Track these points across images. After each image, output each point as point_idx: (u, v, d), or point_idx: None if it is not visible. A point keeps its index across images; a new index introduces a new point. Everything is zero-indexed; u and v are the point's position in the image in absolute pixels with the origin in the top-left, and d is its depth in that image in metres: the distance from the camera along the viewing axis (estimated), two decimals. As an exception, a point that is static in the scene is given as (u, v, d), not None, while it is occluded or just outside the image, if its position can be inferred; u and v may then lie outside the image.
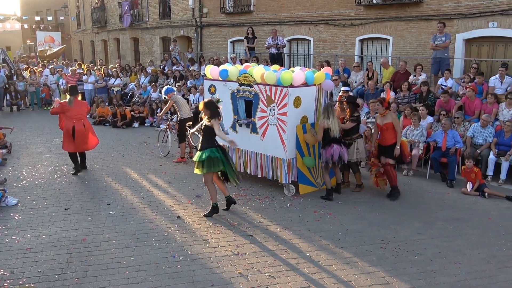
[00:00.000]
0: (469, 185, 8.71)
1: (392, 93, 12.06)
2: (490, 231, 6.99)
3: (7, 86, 19.24)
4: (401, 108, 11.16)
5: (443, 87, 11.50)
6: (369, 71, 13.17)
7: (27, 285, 5.31)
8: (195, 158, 7.30)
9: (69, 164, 10.39)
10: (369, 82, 12.61)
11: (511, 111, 9.89)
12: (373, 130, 10.83)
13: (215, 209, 7.43)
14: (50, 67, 21.44)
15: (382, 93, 12.30)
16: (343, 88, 9.62)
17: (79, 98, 9.99)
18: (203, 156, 7.11)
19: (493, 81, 10.93)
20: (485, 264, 5.92)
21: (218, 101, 7.36)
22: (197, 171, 7.32)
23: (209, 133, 7.20)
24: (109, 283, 5.38)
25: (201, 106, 7.32)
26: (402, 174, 9.93)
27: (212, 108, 7.15)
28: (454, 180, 9.23)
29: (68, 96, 9.67)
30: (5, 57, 22.49)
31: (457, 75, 12.57)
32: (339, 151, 8.04)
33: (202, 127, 7.30)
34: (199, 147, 7.32)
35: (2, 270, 5.64)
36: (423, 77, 12.16)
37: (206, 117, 7.18)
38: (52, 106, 10.02)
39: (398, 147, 8.29)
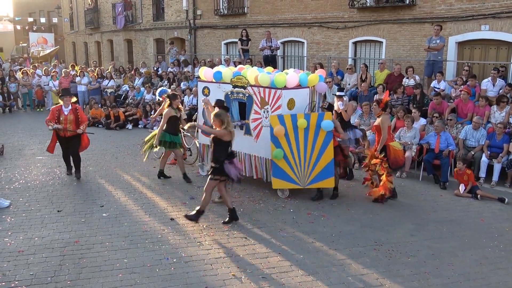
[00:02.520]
0: (461, 187, 8.75)
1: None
2: (482, 232, 7.03)
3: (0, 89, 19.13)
4: (394, 111, 11.20)
5: (436, 89, 11.57)
6: (363, 74, 13.22)
7: None
8: None
9: (62, 166, 10.34)
10: (362, 84, 12.65)
11: (503, 113, 9.96)
12: (368, 133, 10.92)
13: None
14: (44, 68, 21.34)
15: (375, 95, 12.34)
16: (337, 93, 9.53)
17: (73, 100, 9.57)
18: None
19: (486, 83, 11.01)
20: (478, 266, 5.95)
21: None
22: None
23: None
24: (102, 285, 5.35)
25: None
26: (396, 176, 9.95)
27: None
28: (447, 182, 9.27)
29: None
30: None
31: (449, 77, 12.66)
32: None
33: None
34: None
35: (-6, 273, 5.61)
36: (416, 79, 12.23)
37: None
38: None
39: (378, 150, 8.20)
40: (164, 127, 9.22)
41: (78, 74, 19.06)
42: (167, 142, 9.27)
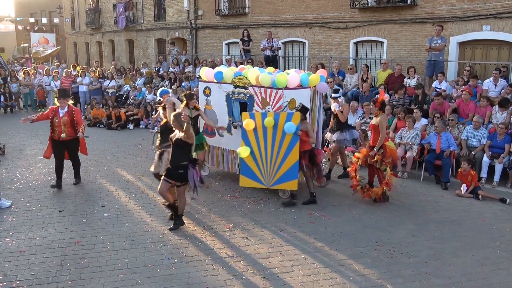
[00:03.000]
0: (463, 188, 8.74)
1: (386, 95, 12.09)
2: (484, 233, 7.02)
3: (1, 90, 19.14)
4: (396, 111, 11.20)
5: (437, 89, 11.56)
6: (364, 74, 13.21)
7: None
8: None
9: (64, 165, 10.34)
10: (364, 85, 12.65)
11: (504, 114, 9.95)
12: (369, 133, 10.92)
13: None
14: (45, 68, 21.36)
15: (376, 95, 12.34)
16: (333, 95, 9.46)
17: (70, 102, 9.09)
18: None
19: (487, 84, 10.99)
20: (479, 266, 5.94)
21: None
22: None
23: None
24: (104, 285, 5.36)
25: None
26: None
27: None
28: (448, 182, 9.26)
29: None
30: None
31: (451, 77, 12.65)
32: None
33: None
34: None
35: (-5, 273, 5.61)
36: (416, 79, 12.22)
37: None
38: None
39: (375, 150, 8.13)
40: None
41: (79, 74, 19.07)
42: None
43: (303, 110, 7.88)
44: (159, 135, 7.80)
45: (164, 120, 7.93)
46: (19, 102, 20.19)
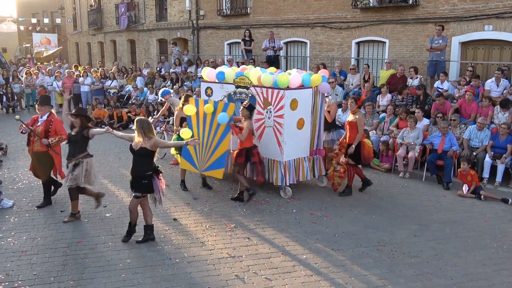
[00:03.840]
0: (465, 188, 8.73)
1: (388, 95, 12.10)
2: (486, 233, 7.01)
3: (3, 90, 19.19)
4: (397, 111, 11.19)
5: (439, 90, 11.55)
6: (366, 74, 13.20)
7: None
8: None
9: (64, 166, 10.35)
10: (365, 85, 12.64)
11: (506, 114, 9.93)
12: (370, 133, 10.92)
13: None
14: (48, 68, 21.40)
15: (378, 96, 12.34)
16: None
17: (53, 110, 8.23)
18: None
19: (489, 84, 10.97)
20: (481, 267, 5.93)
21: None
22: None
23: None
24: (105, 285, 5.36)
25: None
26: (399, 176, 9.95)
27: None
28: (450, 182, 9.25)
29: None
30: (1, 58, 22.41)
31: (453, 78, 12.63)
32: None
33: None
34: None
35: (-3, 273, 5.62)
36: (418, 79, 12.21)
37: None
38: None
39: (353, 146, 8.33)
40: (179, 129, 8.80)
41: (81, 75, 19.09)
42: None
43: (250, 108, 8.06)
44: (68, 145, 7.18)
45: (77, 129, 7.14)
46: (21, 102, 20.21)
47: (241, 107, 8.13)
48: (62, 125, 7.94)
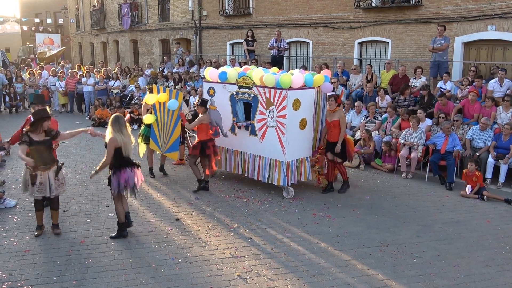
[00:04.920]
0: (468, 188, 8.71)
1: (387, 97, 12.10)
2: (489, 234, 6.99)
3: (7, 90, 19.23)
4: (399, 111, 11.18)
5: (442, 90, 11.52)
6: (368, 74, 13.19)
7: (25, 287, 5.30)
8: None
9: (68, 166, 10.41)
10: (368, 85, 12.63)
11: (509, 114, 9.91)
12: (373, 134, 10.92)
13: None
14: (51, 69, 21.46)
15: (377, 97, 12.32)
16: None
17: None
18: None
19: (492, 84, 10.94)
20: (484, 267, 5.92)
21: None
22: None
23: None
24: (108, 285, 5.37)
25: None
26: (401, 177, 9.94)
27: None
28: (453, 183, 9.23)
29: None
30: (5, 59, 22.46)
31: (456, 78, 12.60)
32: (131, 176, 6.57)
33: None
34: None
35: (0, 272, 5.63)
36: (422, 80, 12.19)
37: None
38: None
39: (339, 144, 8.47)
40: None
41: (84, 75, 19.13)
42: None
43: (203, 103, 8.65)
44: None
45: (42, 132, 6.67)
46: (24, 102, 20.25)
47: (195, 105, 9.30)
48: (56, 126, 7.74)
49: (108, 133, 6.35)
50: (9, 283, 5.41)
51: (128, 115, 14.27)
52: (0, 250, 6.24)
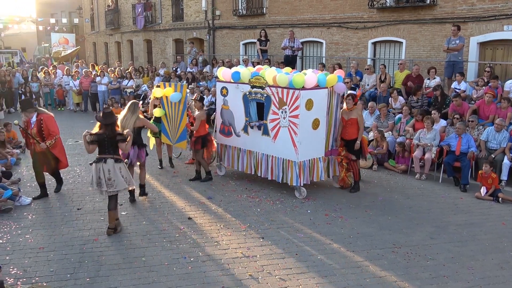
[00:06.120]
0: (483, 190, 8.61)
1: (401, 98, 12.01)
2: (504, 236, 6.90)
3: (22, 89, 19.49)
4: (413, 112, 11.09)
5: (457, 90, 11.40)
6: (382, 74, 13.11)
7: (39, 284, 5.36)
8: None
9: (82, 164, 10.51)
10: (381, 85, 12.55)
11: (526, 115, 9.77)
12: (386, 134, 10.84)
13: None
14: (65, 68, 21.69)
15: (390, 99, 12.22)
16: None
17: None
18: None
19: (509, 85, 10.78)
20: (499, 270, 5.85)
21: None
22: None
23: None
24: (121, 283, 5.41)
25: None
26: (415, 178, 9.86)
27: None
28: (467, 184, 9.13)
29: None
30: (22, 58, 22.74)
31: (471, 78, 12.47)
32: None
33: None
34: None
35: (15, 269, 5.70)
36: (436, 80, 12.07)
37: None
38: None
39: (359, 142, 8.63)
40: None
41: (98, 74, 19.30)
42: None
43: (201, 99, 9.69)
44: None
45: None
46: (39, 101, 20.49)
47: (193, 100, 9.81)
48: (53, 122, 8.32)
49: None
50: (24, 279, 5.47)
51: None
52: (15, 247, 6.33)
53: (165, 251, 6.23)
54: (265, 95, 8.56)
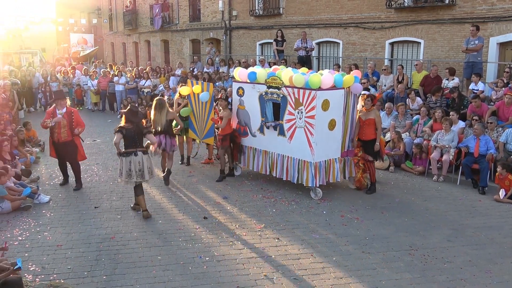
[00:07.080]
0: (501, 192, 8.48)
1: (418, 99, 11.88)
2: (523, 240, 6.79)
3: (42, 89, 19.79)
4: (432, 112, 10.96)
5: (475, 91, 11.24)
6: (399, 75, 12.99)
7: (57, 281, 5.44)
8: None
9: (100, 163, 10.64)
10: (399, 86, 12.43)
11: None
12: (403, 135, 10.74)
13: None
14: (84, 68, 21.96)
15: (407, 99, 12.10)
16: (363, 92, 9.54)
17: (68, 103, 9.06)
18: None
19: (529, 86, 10.61)
20: (518, 274, 5.76)
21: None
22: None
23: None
24: (136, 281, 5.46)
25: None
26: (432, 180, 9.75)
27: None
28: (486, 187, 9.00)
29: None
30: (42, 58, 23.10)
31: (490, 79, 12.29)
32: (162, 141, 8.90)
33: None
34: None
35: (34, 266, 5.80)
36: (455, 81, 11.92)
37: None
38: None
39: (378, 143, 8.64)
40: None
41: (116, 74, 19.49)
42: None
43: (227, 98, 10.21)
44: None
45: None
46: (58, 100, 20.76)
47: (219, 99, 10.01)
48: (79, 115, 9.02)
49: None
50: (42, 276, 5.56)
51: None
52: (34, 244, 6.43)
53: (181, 250, 6.26)
54: (281, 96, 8.56)
